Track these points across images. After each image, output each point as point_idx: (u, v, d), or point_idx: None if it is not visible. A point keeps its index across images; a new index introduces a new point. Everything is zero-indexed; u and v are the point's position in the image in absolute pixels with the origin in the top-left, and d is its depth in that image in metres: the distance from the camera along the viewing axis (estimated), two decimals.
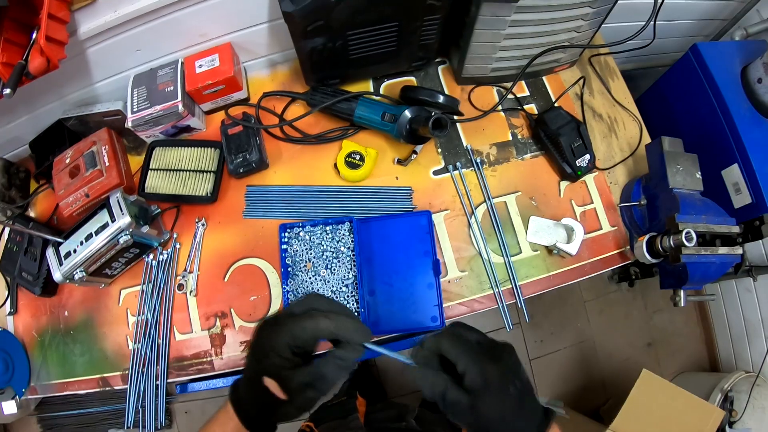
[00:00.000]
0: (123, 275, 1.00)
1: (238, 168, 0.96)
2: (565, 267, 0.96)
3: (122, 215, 0.89)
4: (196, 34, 0.95)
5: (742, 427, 1.40)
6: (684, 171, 0.92)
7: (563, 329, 1.90)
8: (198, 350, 0.95)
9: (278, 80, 1.06)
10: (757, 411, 1.40)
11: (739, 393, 1.44)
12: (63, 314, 1.01)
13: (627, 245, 0.99)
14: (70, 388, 0.99)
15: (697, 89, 1.16)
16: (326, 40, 0.86)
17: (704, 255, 0.85)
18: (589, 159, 0.97)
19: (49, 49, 0.79)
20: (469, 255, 0.95)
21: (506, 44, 0.93)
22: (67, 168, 1.01)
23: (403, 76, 1.04)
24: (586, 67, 1.10)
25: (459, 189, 0.97)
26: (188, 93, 0.97)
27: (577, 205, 0.99)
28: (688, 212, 0.86)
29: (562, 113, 0.99)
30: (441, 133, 0.81)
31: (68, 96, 1.01)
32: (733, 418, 1.40)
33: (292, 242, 0.94)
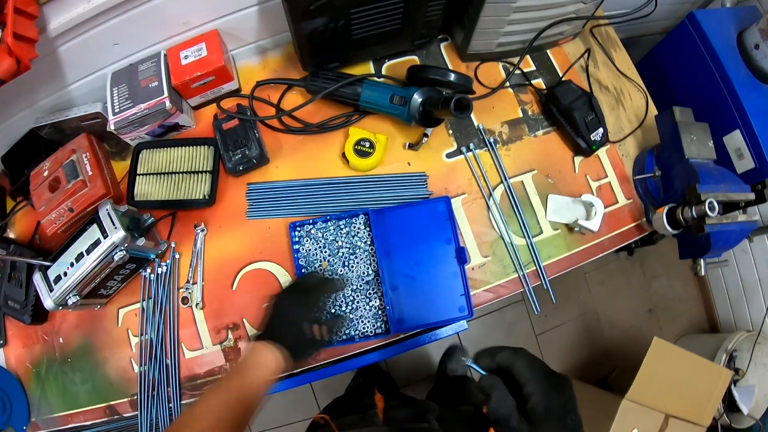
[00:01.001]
0: (119, 293, 0.89)
1: (237, 165, 0.86)
2: (586, 244, 0.91)
3: (115, 229, 0.78)
4: (178, 23, 0.84)
5: (746, 385, 1.40)
6: (698, 140, 0.88)
7: (566, 302, 1.88)
8: (211, 367, 0.86)
9: (270, 68, 0.95)
10: (759, 368, 1.41)
11: (741, 352, 1.45)
12: (58, 341, 0.90)
13: (643, 217, 0.95)
14: (75, 420, 0.88)
15: (696, 57, 1.12)
16: (328, 21, 0.77)
17: (726, 224, 0.82)
18: (602, 132, 0.92)
19: (19, 49, 0.68)
20: (491, 239, 0.88)
21: (515, 17, 0.86)
22: (46, 181, 0.88)
23: (404, 55, 0.96)
24: (588, 38, 1.04)
25: (474, 171, 0.90)
26: (174, 87, 0.86)
27: (592, 180, 0.94)
28: (707, 182, 0.82)
29: (572, 87, 0.93)
30: (464, 114, 0.73)
31: (40, 101, 0.89)
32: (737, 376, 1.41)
33: (304, 241, 0.85)
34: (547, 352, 1.86)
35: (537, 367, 0.46)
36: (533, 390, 0.44)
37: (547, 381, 0.45)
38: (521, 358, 0.46)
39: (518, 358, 0.46)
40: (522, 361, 0.46)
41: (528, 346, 1.81)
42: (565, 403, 0.44)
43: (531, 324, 1.85)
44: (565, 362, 1.85)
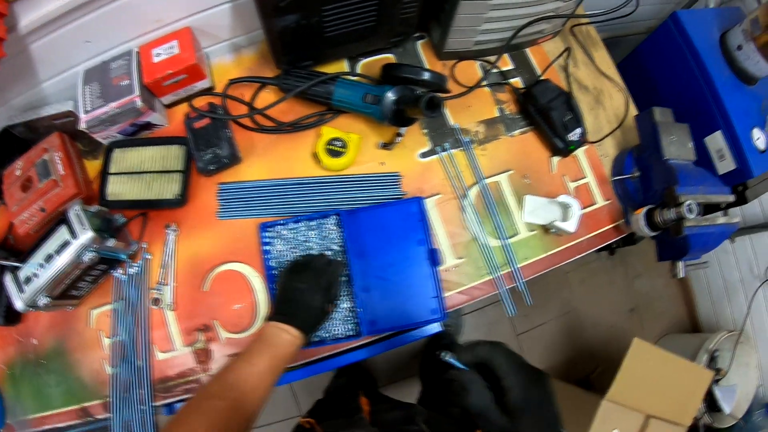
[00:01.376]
0: (91, 294, 0.85)
1: (208, 165, 0.82)
2: (563, 245, 0.87)
3: (84, 230, 0.74)
4: (150, 20, 0.80)
5: (727, 385, 1.37)
6: (677, 141, 0.84)
7: (547, 301, 1.83)
8: (183, 369, 0.82)
9: (244, 65, 0.91)
10: (741, 368, 1.37)
11: (723, 351, 1.41)
12: (32, 343, 0.86)
13: (622, 218, 0.91)
14: (49, 422, 0.84)
15: (678, 57, 1.08)
16: (300, 18, 0.72)
17: (705, 226, 0.78)
18: (580, 132, 0.88)
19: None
20: (465, 240, 0.84)
21: (493, 15, 0.82)
22: (18, 181, 0.85)
23: (380, 53, 0.91)
24: (568, 37, 1.00)
25: (449, 171, 0.86)
26: (146, 86, 0.82)
27: (570, 180, 0.90)
28: (686, 183, 0.79)
29: (550, 86, 0.89)
30: (435, 113, 0.70)
31: (13, 100, 0.85)
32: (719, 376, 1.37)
33: (275, 242, 0.81)
34: (528, 351, 1.82)
35: (515, 361, 0.46)
36: (512, 384, 0.43)
37: (526, 375, 0.45)
38: (500, 352, 0.46)
39: (497, 352, 0.46)
40: (500, 355, 0.46)
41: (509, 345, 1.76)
42: (543, 397, 0.44)
43: (512, 323, 1.80)
44: (546, 361, 1.81)
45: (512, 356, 0.46)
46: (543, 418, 0.43)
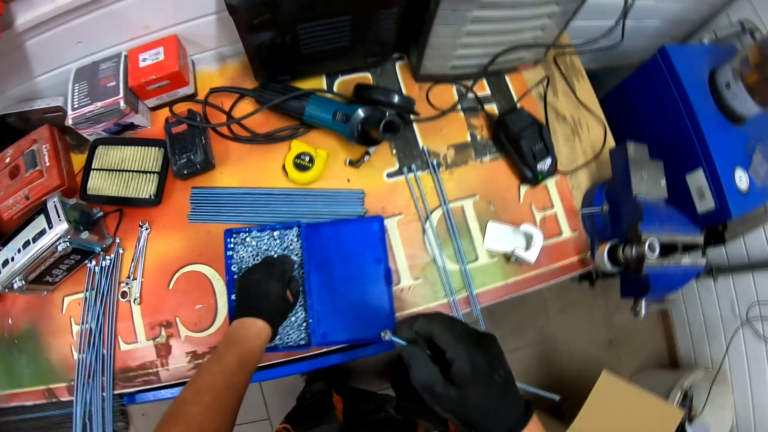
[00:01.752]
0: (66, 282, 0.87)
1: (182, 169, 0.83)
2: (524, 274, 0.85)
3: (60, 222, 0.76)
4: (138, 26, 0.82)
5: (701, 424, 1.31)
6: (649, 178, 0.81)
7: (524, 327, 1.78)
8: (143, 361, 0.83)
9: (227, 75, 0.92)
10: (716, 408, 1.31)
11: (699, 390, 1.35)
12: (7, 323, 0.88)
13: (588, 251, 0.88)
14: (17, 399, 0.86)
15: (664, 92, 1.04)
16: (274, 35, 0.73)
17: (667, 266, 0.75)
18: (550, 163, 0.86)
19: None
20: (424, 262, 0.83)
21: (467, 41, 0.80)
22: (6, 168, 0.87)
23: (358, 72, 0.91)
24: (550, 66, 0.97)
25: (414, 193, 0.85)
26: (131, 88, 0.83)
27: (537, 209, 0.88)
28: (651, 221, 0.75)
29: (523, 115, 0.87)
30: (392, 136, 0.69)
31: (8, 91, 0.87)
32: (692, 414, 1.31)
33: (238, 248, 0.81)
34: None
35: (456, 330, 0.43)
36: (455, 353, 0.41)
37: (470, 341, 0.42)
38: (438, 323, 0.43)
39: (435, 323, 0.43)
40: (439, 325, 0.43)
41: None
42: (491, 361, 0.42)
43: None
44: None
45: (452, 325, 0.43)
46: (493, 383, 0.41)
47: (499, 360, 0.43)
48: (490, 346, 0.43)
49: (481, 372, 0.40)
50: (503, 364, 0.43)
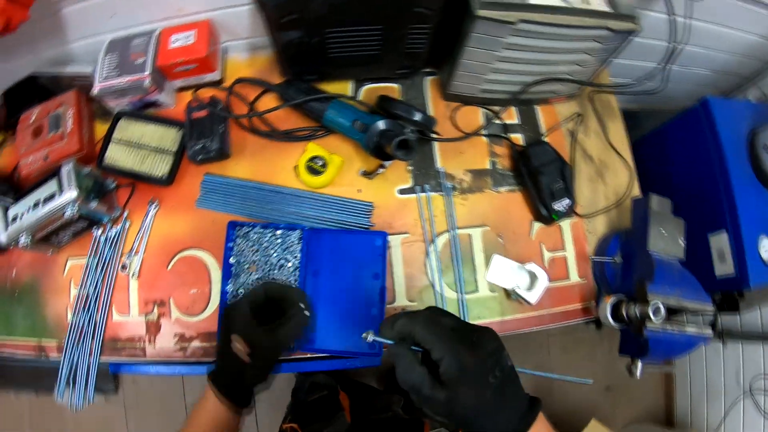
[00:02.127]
0: (71, 245, 0.89)
1: (197, 155, 0.83)
2: (522, 314, 0.83)
3: (70, 188, 0.77)
4: (173, 7, 0.83)
5: None
6: (668, 236, 0.78)
7: (522, 360, 1.70)
8: (132, 334, 0.84)
9: (256, 66, 0.92)
10: None
11: None
12: (11, 274, 0.91)
13: (593, 301, 0.85)
14: (8, 348, 0.88)
15: (700, 145, 0.99)
16: (302, 35, 0.72)
17: (669, 331, 0.72)
18: (568, 204, 0.83)
19: (10, 10, 0.67)
20: (422, 285, 0.82)
21: (500, 67, 0.78)
22: (31, 126, 0.89)
23: (386, 82, 0.90)
24: (584, 102, 0.94)
25: (423, 213, 0.84)
26: (159, 68, 0.84)
27: (547, 249, 0.85)
28: (661, 282, 0.72)
29: (548, 149, 0.84)
30: (405, 155, 0.67)
31: (43, 53, 0.89)
32: None
33: (240, 241, 0.82)
34: None
35: (440, 329, 0.40)
36: (441, 354, 0.38)
37: (457, 341, 0.39)
38: (420, 323, 0.40)
39: (416, 323, 0.40)
40: (421, 325, 0.40)
41: None
42: (483, 361, 0.39)
43: None
44: None
45: (436, 324, 0.40)
46: (487, 385, 0.38)
47: (495, 358, 0.40)
48: (485, 343, 0.40)
49: (472, 373, 0.37)
50: (500, 363, 0.40)
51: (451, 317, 0.42)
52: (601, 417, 1.17)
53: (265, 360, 0.56)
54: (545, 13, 0.69)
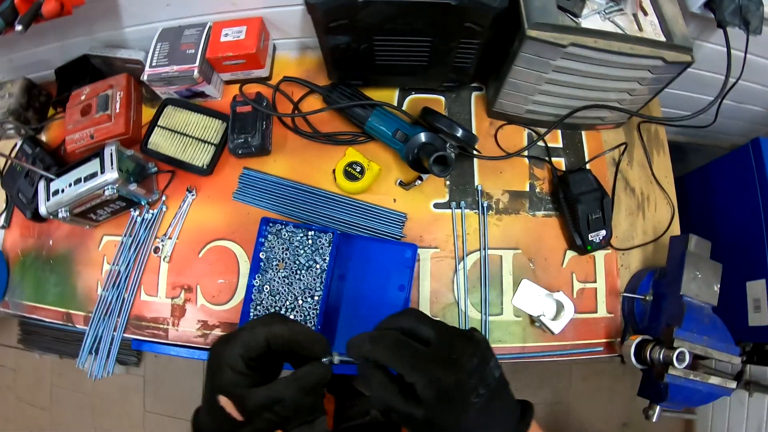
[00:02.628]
0: (108, 222, 0.92)
1: (237, 149, 0.85)
2: (544, 342, 0.82)
3: (111, 170, 0.81)
4: (227, 1, 0.84)
5: None
6: (702, 279, 0.76)
7: (541, 385, 1.72)
8: (157, 315, 0.87)
9: (305, 65, 0.93)
10: None
11: None
12: (48, 242, 0.95)
13: (618, 338, 0.84)
14: (38, 313, 0.93)
15: (747, 186, 0.96)
16: (350, 40, 0.73)
17: (692, 380, 0.71)
18: (604, 236, 0.82)
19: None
20: (446, 302, 0.82)
21: (547, 89, 0.77)
22: (80, 105, 0.93)
23: (432, 93, 0.89)
24: (632, 131, 0.92)
25: (456, 230, 0.84)
26: (208, 60, 0.86)
27: (577, 279, 0.84)
28: (690, 328, 0.71)
29: (589, 178, 0.83)
30: (441, 172, 0.68)
31: (97, 34, 0.92)
32: None
33: (271, 238, 0.83)
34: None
35: (409, 353, 0.36)
36: (414, 378, 0.35)
37: (431, 362, 0.35)
38: (384, 348, 0.36)
39: (379, 348, 0.36)
40: (385, 352, 0.36)
41: None
42: (464, 381, 0.34)
43: None
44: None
45: (404, 347, 0.36)
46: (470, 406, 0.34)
47: (478, 375, 0.35)
48: (465, 361, 0.35)
49: (451, 396, 0.34)
50: (484, 379, 0.35)
51: (428, 326, 0.38)
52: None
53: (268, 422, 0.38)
54: (597, 38, 0.68)
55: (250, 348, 0.38)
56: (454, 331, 0.39)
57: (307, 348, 0.40)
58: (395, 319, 0.40)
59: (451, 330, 0.39)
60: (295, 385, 0.38)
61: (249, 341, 0.39)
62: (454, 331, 0.39)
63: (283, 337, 0.39)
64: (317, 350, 0.40)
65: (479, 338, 0.38)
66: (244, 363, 0.38)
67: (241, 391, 0.37)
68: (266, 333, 0.39)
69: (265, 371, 0.40)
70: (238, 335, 0.39)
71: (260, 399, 0.37)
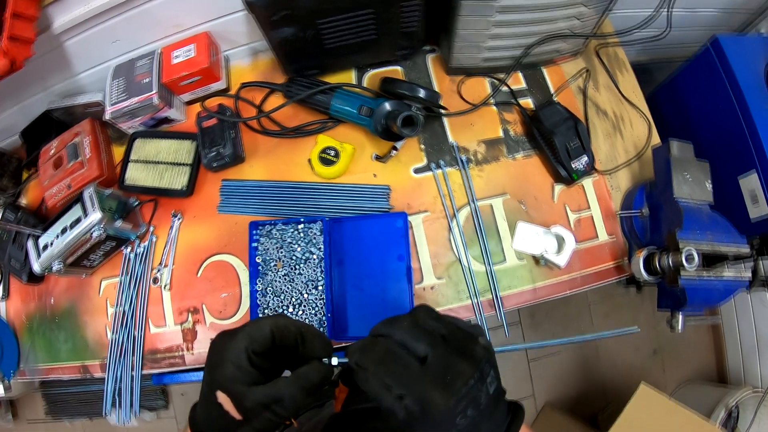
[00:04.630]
0: (103, 266, 0.92)
1: (212, 162, 0.86)
2: (554, 279, 0.82)
3: (93, 210, 0.81)
4: (170, 25, 0.85)
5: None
6: (692, 180, 0.76)
7: (565, 330, 1.72)
8: (170, 344, 0.87)
9: (259, 69, 0.94)
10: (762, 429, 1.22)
11: (745, 409, 1.27)
12: (49, 301, 0.95)
13: (625, 257, 0.84)
14: (55, 373, 0.93)
15: (716, 87, 0.97)
16: (296, 30, 0.74)
17: (706, 278, 0.70)
18: (586, 161, 0.82)
19: (13, 50, 0.71)
20: (448, 261, 0.82)
21: (497, 32, 0.78)
22: (51, 159, 0.93)
23: (388, 65, 0.90)
24: (592, 58, 0.93)
25: (441, 189, 0.84)
26: (164, 84, 0.87)
27: (571, 211, 0.85)
28: (691, 228, 0.70)
29: (559, 109, 0.84)
30: (412, 131, 0.68)
31: (52, 87, 0.93)
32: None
33: (263, 240, 0.84)
34: (538, 379, 1.72)
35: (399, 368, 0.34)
36: (402, 392, 0.33)
37: (419, 383, 0.33)
38: (373, 363, 0.34)
39: (368, 360, 0.35)
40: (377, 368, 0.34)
41: (519, 371, 1.73)
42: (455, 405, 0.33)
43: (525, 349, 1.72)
44: (556, 392, 1.71)
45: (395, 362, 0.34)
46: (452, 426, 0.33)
47: (471, 398, 0.33)
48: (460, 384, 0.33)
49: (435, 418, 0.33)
50: (476, 401, 0.34)
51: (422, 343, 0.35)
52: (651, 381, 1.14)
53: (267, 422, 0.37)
54: None
55: (255, 340, 0.37)
56: (454, 344, 0.36)
57: (310, 341, 0.39)
58: (390, 327, 0.37)
59: (451, 344, 0.36)
60: (296, 384, 0.37)
61: (254, 333, 0.37)
62: (454, 344, 0.36)
63: (288, 328, 0.38)
64: (320, 346, 0.39)
65: (480, 354, 0.35)
66: (247, 358, 0.37)
67: (241, 388, 0.36)
68: (271, 324, 0.38)
69: (266, 371, 0.38)
70: (243, 328, 0.38)
71: (260, 398, 0.36)
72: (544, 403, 1.69)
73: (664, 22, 0.88)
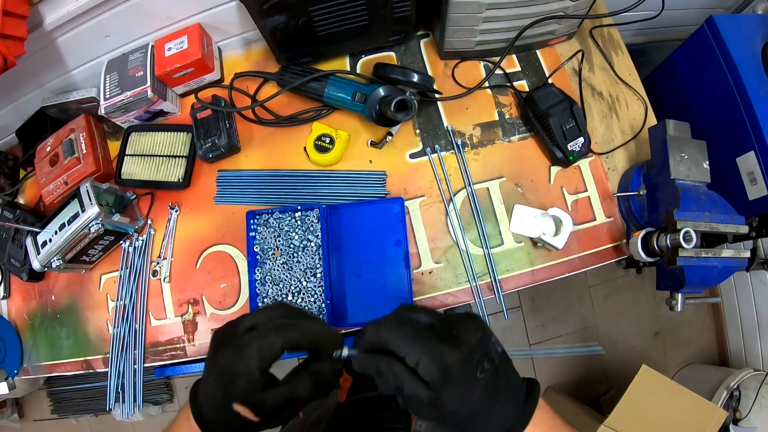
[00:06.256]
0: (102, 261, 0.92)
1: (207, 153, 0.85)
2: (552, 261, 0.81)
3: (91, 205, 0.81)
4: (162, 17, 0.84)
5: (748, 426, 1.23)
6: (689, 160, 0.75)
7: (566, 314, 1.72)
8: (171, 336, 0.87)
9: (252, 59, 0.93)
10: (764, 410, 1.22)
11: (747, 390, 1.26)
12: (50, 298, 0.95)
13: (623, 239, 0.83)
14: (58, 369, 0.93)
15: (712, 67, 0.95)
16: (287, 18, 0.73)
17: (705, 258, 0.69)
18: (582, 143, 0.81)
19: (5, 48, 0.70)
20: (446, 245, 0.81)
21: (490, 15, 0.77)
22: (48, 156, 0.93)
23: (381, 51, 0.90)
24: (586, 39, 0.92)
25: (437, 174, 0.83)
26: (158, 77, 0.86)
27: (568, 193, 0.84)
28: (689, 208, 0.70)
29: (553, 91, 0.83)
30: (406, 116, 0.67)
31: (46, 84, 0.93)
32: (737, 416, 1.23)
33: (261, 229, 0.83)
34: (540, 363, 1.72)
35: (411, 329, 0.36)
36: (416, 358, 0.34)
37: (433, 338, 0.35)
38: (386, 328, 0.36)
39: (382, 329, 0.37)
40: (388, 329, 0.36)
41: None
42: (468, 355, 0.34)
43: (526, 332, 1.72)
44: (559, 377, 1.71)
45: (405, 323, 0.37)
46: (476, 383, 0.34)
47: (482, 349, 0.35)
48: (468, 336, 0.36)
49: (456, 372, 0.34)
50: (488, 354, 0.36)
51: (425, 313, 0.39)
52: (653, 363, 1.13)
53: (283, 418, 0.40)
54: None
55: (267, 359, 0.37)
56: (451, 315, 0.39)
57: (324, 347, 0.40)
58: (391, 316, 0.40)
59: (449, 314, 0.39)
60: (310, 381, 0.39)
61: (265, 351, 0.37)
62: (451, 315, 0.39)
63: (300, 343, 0.38)
64: (331, 344, 0.40)
65: (478, 319, 0.39)
66: (260, 372, 0.37)
67: (258, 396, 0.37)
68: (282, 342, 0.37)
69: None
70: (252, 345, 0.37)
71: (278, 400, 0.37)
72: (547, 388, 1.69)
73: (659, 2, 0.87)
